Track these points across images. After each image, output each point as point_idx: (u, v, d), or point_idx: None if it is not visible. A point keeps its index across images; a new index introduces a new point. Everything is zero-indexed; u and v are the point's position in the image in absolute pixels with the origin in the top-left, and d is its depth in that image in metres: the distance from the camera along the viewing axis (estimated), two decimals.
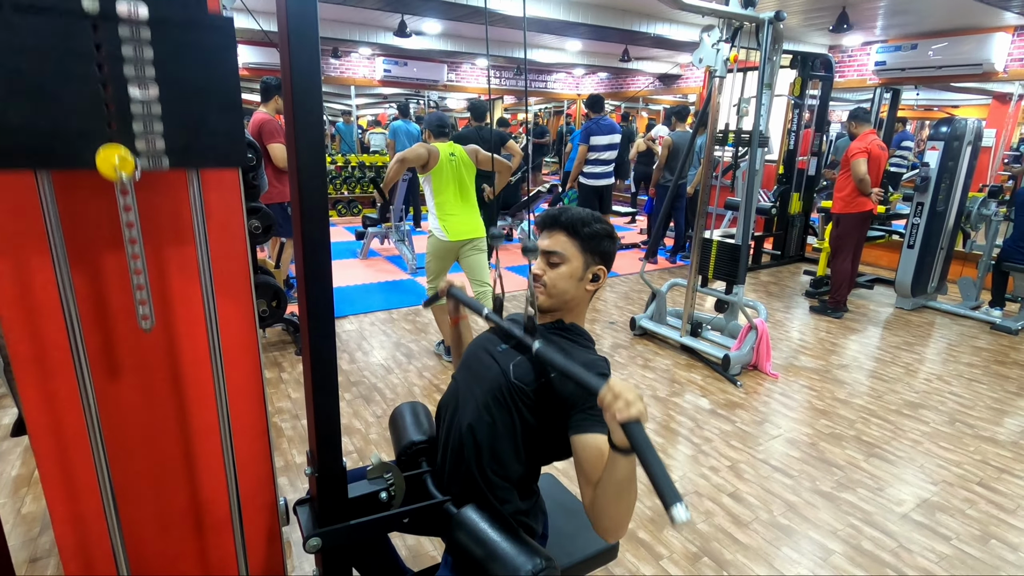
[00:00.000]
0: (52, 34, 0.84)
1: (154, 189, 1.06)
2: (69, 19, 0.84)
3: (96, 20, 0.85)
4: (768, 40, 3.08)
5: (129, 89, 0.89)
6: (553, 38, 7.75)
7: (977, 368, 3.52)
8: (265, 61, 8.03)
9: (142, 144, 0.92)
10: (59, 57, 0.86)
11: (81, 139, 0.89)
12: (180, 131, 0.95)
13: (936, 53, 5.83)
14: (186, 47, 0.92)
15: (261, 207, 2.58)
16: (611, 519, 0.98)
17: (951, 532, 2.06)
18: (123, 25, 0.87)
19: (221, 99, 0.97)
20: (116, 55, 0.88)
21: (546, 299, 1.21)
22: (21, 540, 1.89)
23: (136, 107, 0.90)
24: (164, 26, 0.89)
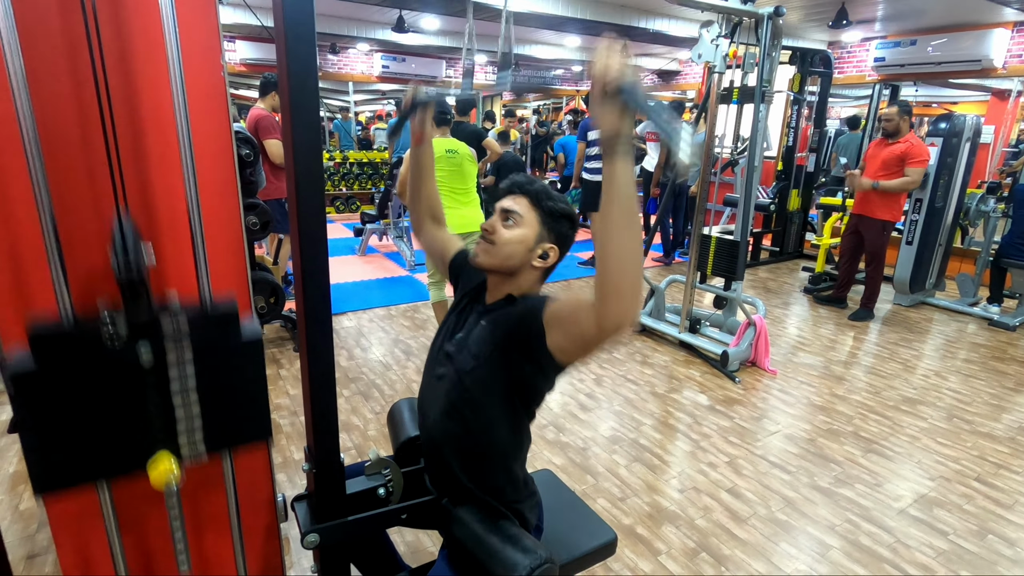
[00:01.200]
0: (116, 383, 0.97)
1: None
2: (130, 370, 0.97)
3: (151, 369, 0.98)
4: (767, 36, 3.07)
5: (175, 408, 1.02)
6: (551, 34, 7.74)
7: (975, 364, 3.53)
8: (262, 57, 8.00)
9: (184, 444, 1.05)
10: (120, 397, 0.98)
11: (136, 452, 1.02)
12: (216, 427, 1.07)
13: (935, 49, 5.82)
14: (222, 365, 1.05)
15: (258, 203, 2.57)
16: (619, 264, 0.84)
17: (948, 527, 2.06)
18: (172, 367, 0.99)
19: (250, 395, 1.09)
20: (165, 385, 1.00)
21: (488, 257, 1.14)
22: (19, 537, 1.88)
23: (180, 419, 1.03)
24: (205, 356, 1.02)
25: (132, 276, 0.92)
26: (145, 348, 0.96)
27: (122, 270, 0.91)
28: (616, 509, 2.11)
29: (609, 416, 2.79)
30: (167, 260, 1.12)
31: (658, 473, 2.34)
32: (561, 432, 2.62)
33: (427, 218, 1.40)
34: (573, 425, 2.69)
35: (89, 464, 0.99)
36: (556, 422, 2.71)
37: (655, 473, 2.34)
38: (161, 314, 0.97)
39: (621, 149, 0.81)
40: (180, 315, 0.98)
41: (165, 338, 0.98)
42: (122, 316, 0.94)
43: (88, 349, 0.94)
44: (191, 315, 1.00)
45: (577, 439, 2.57)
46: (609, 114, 0.80)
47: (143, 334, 0.97)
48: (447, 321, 1.25)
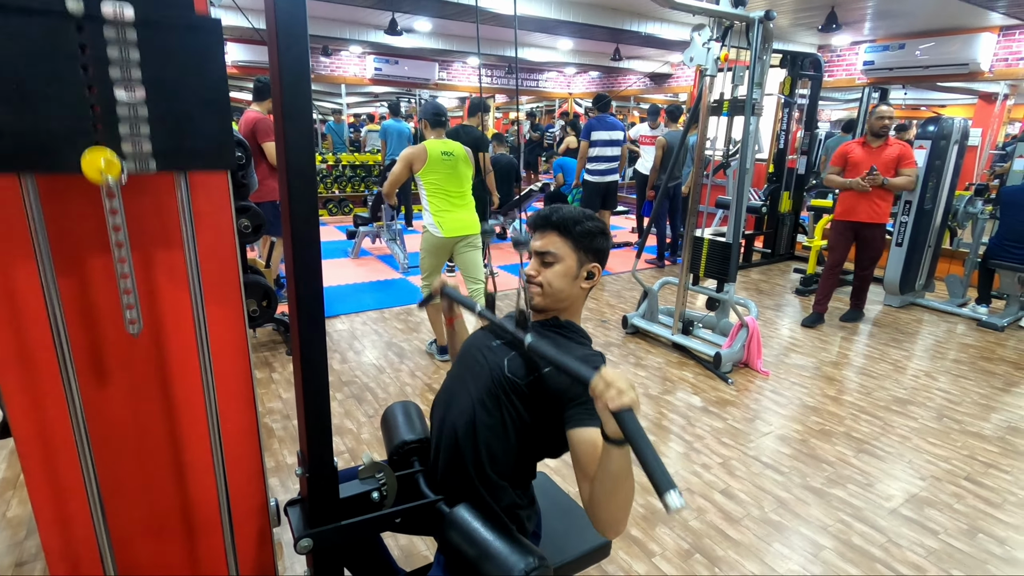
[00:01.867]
0: (36, 36, 0.83)
1: (141, 192, 1.04)
2: (53, 20, 0.82)
3: (81, 21, 0.83)
4: (758, 39, 3.10)
5: (115, 91, 0.88)
6: (544, 37, 7.75)
7: (964, 364, 3.56)
8: (254, 59, 7.97)
9: (128, 147, 0.91)
10: (43, 59, 0.84)
11: (66, 142, 0.87)
12: (167, 133, 0.93)
13: (923, 53, 5.89)
14: (173, 49, 0.91)
15: (251, 206, 2.56)
16: (609, 512, 0.97)
17: (939, 526, 2.08)
18: (108, 26, 0.85)
19: (209, 101, 0.96)
20: (101, 57, 0.86)
21: (542, 299, 1.20)
22: (7, 544, 1.86)
23: (122, 109, 0.89)
24: (150, 27, 0.88)
25: None
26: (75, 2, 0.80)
27: None
28: None
29: None
30: None
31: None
32: None
33: None
34: None
35: (8, 144, 0.84)
36: None
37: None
38: None
39: (618, 446, 0.89)
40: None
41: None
42: None
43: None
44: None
45: None
46: (608, 423, 0.87)
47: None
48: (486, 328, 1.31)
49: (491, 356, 1.20)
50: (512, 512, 1.17)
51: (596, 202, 5.43)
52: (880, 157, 3.80)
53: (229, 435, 1.22)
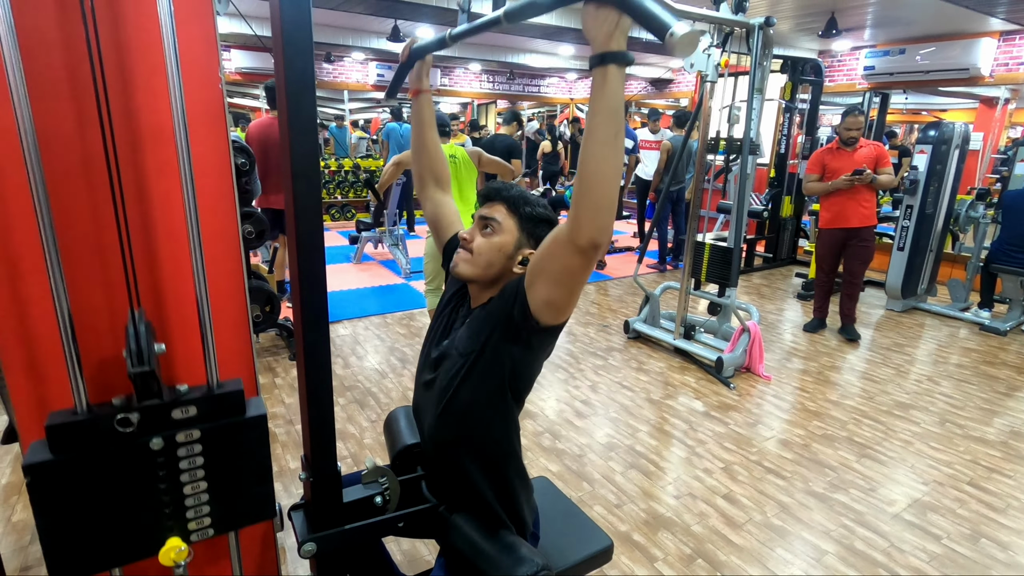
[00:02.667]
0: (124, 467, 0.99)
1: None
2: (139, 451, 0.99)
3: (160, 452, 1.01)
4: (758, 45, 3.11)
5: (183, 490, 1.05)
6: (545, 43, 7.79)
7: (967, 369, 3.55)
8: (258, 66, 8.02)
9: (193, 525, 1.08)
10: (128, 479, 1.00)
11: (146, 536, 1.04)
12: (223, 507, 1.10)
13: (924, 58, 5.90)
14: (228, 446, 1.07)
15: (254, 212, 2.58)
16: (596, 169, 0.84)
17: (942, 531, 2.08)
18: (181, 446, 1.02)
19: (255, 474, 1.12)
20: (174, 468, 1.03)
21: (467, 266, 1.13)
22: (12, 549, 1.87)
23: (189, 501, 1.06)
24: (211, 436, 1.05)
25: (144, 370, 0.95)
26: (156, 437, 1.00)
27: (134, 363, 0.94)
28: (612, 516, 2.11)
29: (605, 423, 2.79)
30: (175, 344, 1.16)
31: (654, 479, 2.34)
32: (557, 439, 2.62)
33: (429, 178, 1.37)
34: (569, 432, 2.69)
35: (103, 551, 1.01)
36: (552, 429, 2.71)
37: (651, 479, 2.34)
38: (171, 404, 1.01)
39: (615, 59, 0.79)
40: (190, 406, 1.02)
41: (174, 424, 1.01)
42: (135, 415, 0.98)
43: (101, 438, 0.97)
44: (198, 396, 1.04)
45: (573, 446, 2.57)
46: (602, 23, 0.77)
47: (154, 422, 1.00)
48: (433, 327, 1.26)
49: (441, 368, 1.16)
50: (509, 513, 1.16)
51: None
52: (857, 159, 3.77)
53: None
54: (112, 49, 0.99)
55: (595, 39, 0.79)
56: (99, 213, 1.04)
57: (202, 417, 1.04)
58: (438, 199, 1.37)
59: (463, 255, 1.14)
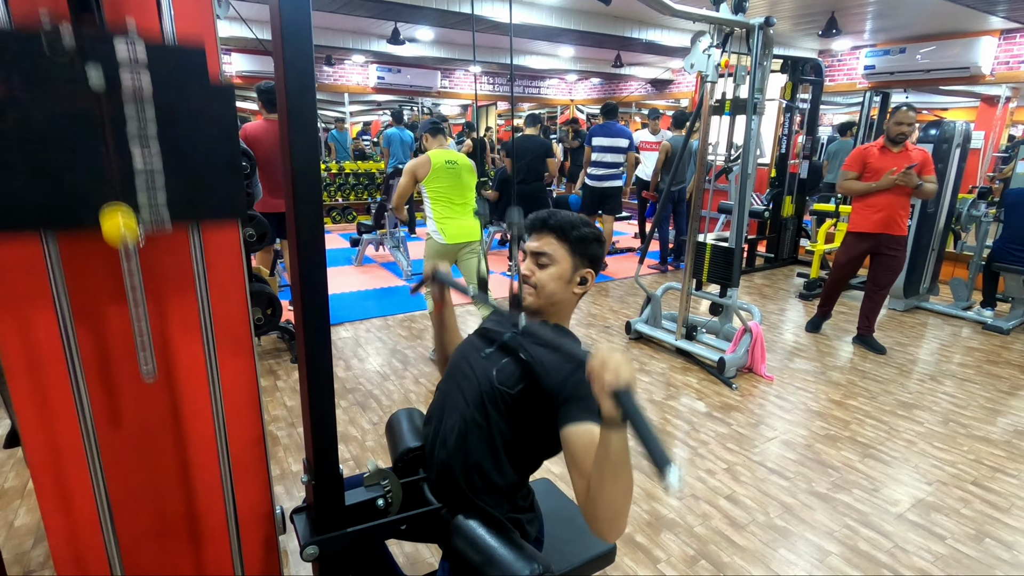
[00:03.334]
0: (60, 107, 0.87)
1: (156, 242, 1.07)
2: (77, 93, 0.87)
3: (102, 94, 0.88)
4: (758, 45, 3.11)
5: (132, 154, 0.92)
6: (545, 44, 7.80)
7: (970, 368, 3.55)
8: (258, 69, 8.04)
9: (144, 200, 0.95)
10: (66, 128, 0.88)
11: (86, 201, 0.91)
12: (181, 190, 0.98)
13: (924, 57, 5.90)
14: (187, 114, 0.96)
15: (255, 215, 2.58)
16: (608, 508, 0.93)
17: (946, 532, 2.07)
18: (128, 98, 0.90)
19: (221, 158, 1.02)
20: (120, 124, 0.90)
21: (534, 299, 1.20)
22: (14, 553, 1.87)
23: (138, 169, 0.93)
24: (166, 96, 0.92)
25: None
26: (95, 70, 0.84)
27: None
28: None
29: None
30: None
31: (656, 480, 2.34)
32: None
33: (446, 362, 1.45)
34: None
35: (32, 206, 0.88)
36: None
37: (653, 480, 2.34)
38: (115, 37, 0.86)
39: (616, 429, 0.86)
40: (137, 41, 0.87)
41: (120, 65, 0.86)
42: (68, 28, 0.82)
43: (28, 61, 0.81)
44: (150, 47, 0.89)
45: None
46: (605, 404, 0.84)
47: (93, 53, 0.84)
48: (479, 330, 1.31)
49: (479, 367, 1.19)
50: (512, 518, 1.17)
51: (593, 206, 5.46)
52: (901, 162, 3.43)
53: (236, 442, 1.23)
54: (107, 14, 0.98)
55: (603, 408, 0.86)
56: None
57: (155, 68, 0.90)
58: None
59: (528, 290, 1.21)
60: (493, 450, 1.14)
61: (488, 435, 1.14)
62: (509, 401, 1.13)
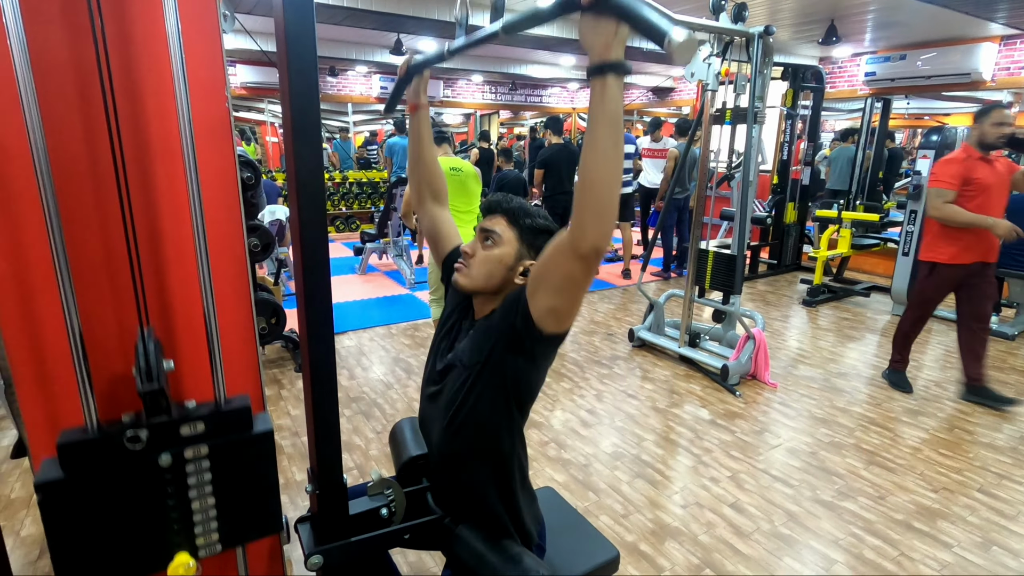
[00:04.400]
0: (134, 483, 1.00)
1: None
2: (149, 469, 1.00)
3: (169, 469, 1.02)
4: (759, 53, 3.13)
5: (192, 507, 1.06)
6: (547, 54, 7.85)
7: None
8: (263, 80, 8.11)
9: (202, 543, 1.08)
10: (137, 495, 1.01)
11: (157, 554, 1.05)
12: (231, 523, 1.10)
13: (924, 63, 5.91)
14: (236, 462, 1.08)
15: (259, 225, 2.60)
16: (596, 184, 0.85)
17: (953, 539, 2.06)
18: (190, 468, 1.03)
19: (262, 489, 1.12)
20: (183, 485, 1.04)
21: (467, 279, 1.15)
22: (21, 563, 1.87)
23: (198, 521, 1.07)
24: (219, 452, 1.05)
25: (153, 388, 0.95)
26: (165, 455, 1.00)
27: (144, 382, 0.95)
28: (618, 526, 2.10)
29: (610, 432, 2.78)
30: (183, 360, 1.15)
31: (660, 489, 2.33)
32: (562, 449, 2.61)
33: (427, 192, 1.37)
34: (574, 442, 2.68)
35: (113, 567, 1.01)
36: (557, 439, 2.70)
37: (657, 489, 2.33)
38: (179, 421, 1.01)
39: (613, 69, 0.79)
40: (198, 422, 1.03)
41: (183, 441, 1.02)
42: (144, 431, 0.98)
43: (111, 455, 0.98)
44: (206, 413, 1.04)
45: (579, 456, 2.56)
46: (601, 34, 0.77)
47: (162, 439, 1.00)
48: (437, 339, 1.27)
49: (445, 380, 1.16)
50: (515, 524, 1.16)
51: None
52: (1000, 171, 2.95)
53: None
54: (121, 67, 1.01)
55: (593, 49, 0.79)
56: (108, 228, 1.05)
57: (210, 433, 1.04)
58: (436, 214, 1.38)
59: (463, 268, 1.16)
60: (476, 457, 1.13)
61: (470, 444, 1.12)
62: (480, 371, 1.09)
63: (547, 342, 1.05)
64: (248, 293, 1.22)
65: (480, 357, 1.09)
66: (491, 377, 1.09)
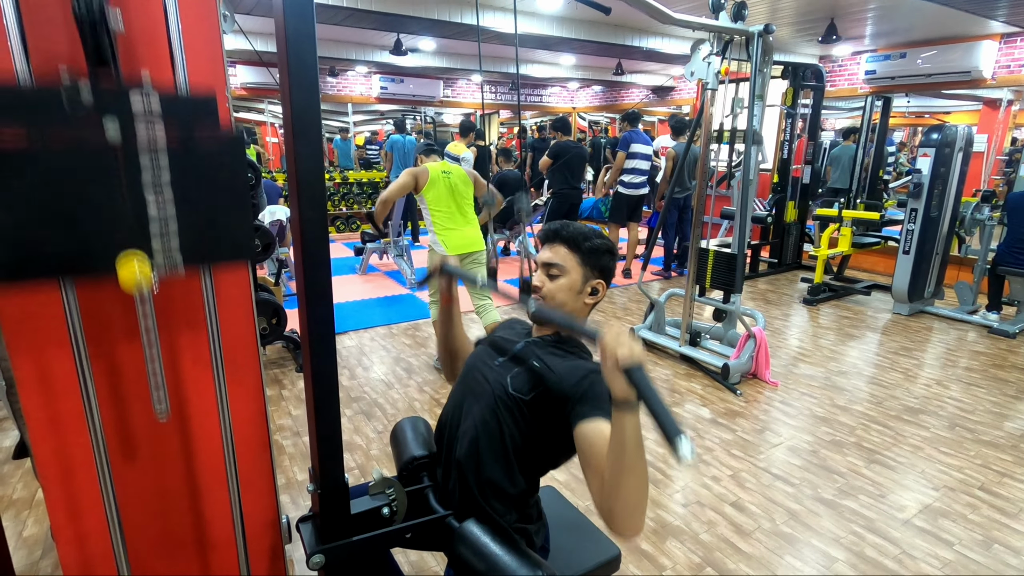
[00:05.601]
0: (77, 160, 0.90)
1: (170, 283, 1.10)
2: (95, 146, 0.90)
3: (118, 148, 0.91)
4: (758, 52, 3.13)
5: (147, 202, 0.95)
6: (547, 53, 7.84)
7: (976, 372, 3.53)
8: (263, 81, 8.11)
9: (158, 247, 0.98)
10: (83, 179, 0.91)
11: (103, 251, 0.94)
12: (193, 235, 1.01)
13: (925, 61, 5.91)
14: (199, 161, 0.98)
15: (260, 225, 2.60)
16: (624, 502, 0.90)
17: (954, 537, 2.06)
18: (142, 149, 0.93)
19: (231, 203, 1.04)
20: (135, 172, 0.93)
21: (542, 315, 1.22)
22: (23, 563, 1.88)
23: (153, 217, 0.96)
24: (179, 144, 0.95)
25: (95, 25, 0.82)
26: (112, 123, 0.87)
27: (84, 13, 0.82)
28: None
29: None
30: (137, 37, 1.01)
31: (661, 487, 2.33)
32: None
33: (451, 363, 1.46)
34: None
35: (52, 255, 0.90)
36: None
37: (658, 487, 2.33)
38: (131, 90, 0.89)
39: (629, 411, 0.86)
40: (151, 93, 0.90)
41: (135, 117, 0.89)
42: (86, 83, 0.85)
43: (48, 115, 0.85)
44: (164, 98, 0.92)
45: None
46: (617, 383, 0.85)
47: (110, 107, 0.87)
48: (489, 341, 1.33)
49: (493, 375, 1.21)
50: (519, 528, 1.18)
51: (624, 214, 5.50)
52: None
53: (242, 452, 1.24)
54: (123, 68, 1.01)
55: (613, 390, 0.86)
56: None
57: (168, 114, 0.92)
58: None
59: (538, 302, 1.21)
60: (505, 457, 1.15)
61: (500, 443, 1.15)
62: (524, 407, 1.14)
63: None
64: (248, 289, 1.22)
65: (526, 396, 1.14)
66: (532, 416, 1.15)
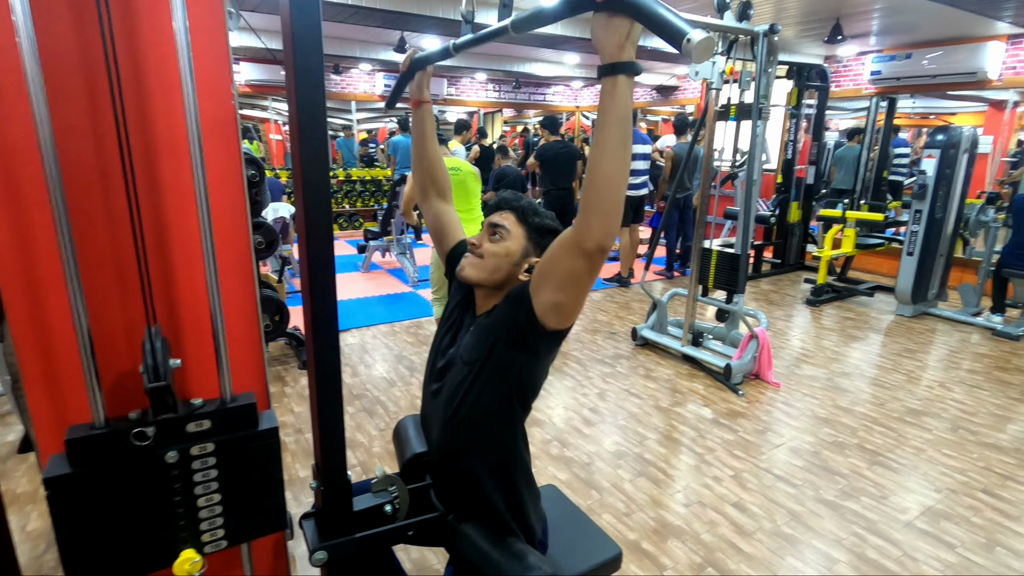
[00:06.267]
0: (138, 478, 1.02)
1: None
2: (155, 468, 1.02)
3: (175, 465, 1.03)
4: (763, 52, 3.12)
5: (198, 503, 1.07)
6: (550, 52, 7.84)
7: (979, 374, 3.52)
8: (268, 78, 8.12)
9: (208, 539, 1.10)
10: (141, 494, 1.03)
11: (162, 551, 1.07)
12: (235, 519, 1.12)
13: (930, 62, 5.88)
14: (241, 458, 1.10)
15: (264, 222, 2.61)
16: (604, 181, 0.86)
17: (956, 540, 2.05)
18: (196, 459, 1.05)
19: (267, 485, 1.14)
20: (188, 481, 1.05)
21: (474, 270, 1.15)
22: (27, 558, 1.89)
23: (203, 517, 1.08)
24: (225, 449, 1.07)
25: (160, 385, 0.96)
26: (171, 451, 1.02)
27: (151, 379, 0.96)
28: (621, 524, 2.10)
29: (613, 430, 2.79)
30: (189, 357, 1.17)
31: (663, 487, 2.33)
32: (565, 447, 2.62)
33: (431, 188, 1.37)
34: (577, 440, 2.68)
35: (119, 562, 1.02)
36: (560, 437, 2.71)
37: (660, 487, 2.33)
38: (186, 418, 1.03)
39: (625, 69, 0.80)
40: (204, 420, 1.04)
41: (189, 438, 1.03)
42: (150, 421, 1.00)
43: (118, 451, 0.99)
44: (212, 410, 1.05)
45: (581, 454, 2.56)
46: (614, 33, 0.78)
47: (169, 436, 1.01)
48: (439, 336, 1.27)
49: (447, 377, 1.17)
50: (518, 521, 1.16)
51: (628, 215, 5.47)
52: None
53: None
54: (129, 65, 1.02)
55: (605, 49, 0.80)
56: (116, 226, 1.06)
57: (216, 430, 1.05)
58: (440, 208, 1.38)
59: (471, 259, 1.16)
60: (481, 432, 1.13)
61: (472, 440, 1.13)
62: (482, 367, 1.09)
63: (550, 338, 1.06)
64: (254, 290, 1.23)
65: (481, 353, 1.10)
66: (493, 372, 1.09)
